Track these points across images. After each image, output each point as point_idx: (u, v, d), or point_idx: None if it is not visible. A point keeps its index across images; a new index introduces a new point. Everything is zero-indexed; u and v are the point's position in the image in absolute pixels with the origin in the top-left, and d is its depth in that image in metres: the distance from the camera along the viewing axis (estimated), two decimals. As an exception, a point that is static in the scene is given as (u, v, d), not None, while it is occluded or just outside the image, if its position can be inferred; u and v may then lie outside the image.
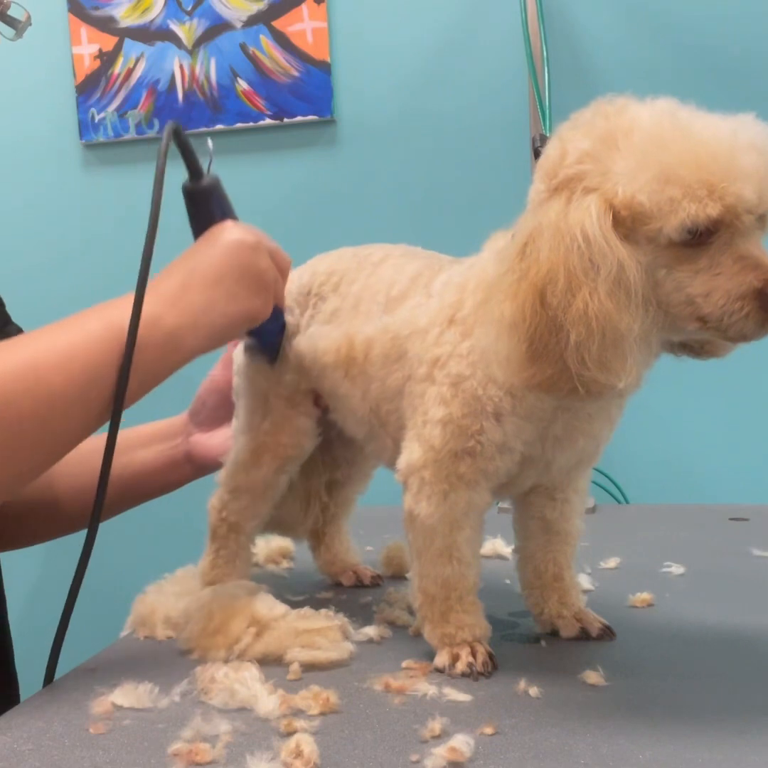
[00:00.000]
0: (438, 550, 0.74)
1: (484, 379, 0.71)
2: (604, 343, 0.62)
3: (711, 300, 0.62)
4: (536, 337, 0.63)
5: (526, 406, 0.71)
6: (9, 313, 1.11)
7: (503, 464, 0.73)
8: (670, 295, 0.64)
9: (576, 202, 0.64)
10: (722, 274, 0.62)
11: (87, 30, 1.85)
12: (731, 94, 1.59)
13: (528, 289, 0.64)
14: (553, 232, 0.63)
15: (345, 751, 0.59)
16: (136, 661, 0.78)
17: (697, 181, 0.60)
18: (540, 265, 0.63)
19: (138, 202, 1.88)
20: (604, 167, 0.63)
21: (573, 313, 0.62)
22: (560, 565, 0.82)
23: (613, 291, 0.62)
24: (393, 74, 1.76)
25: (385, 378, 0.80)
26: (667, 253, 0.63)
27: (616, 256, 0.62)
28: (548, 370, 0.64)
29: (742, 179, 0.60)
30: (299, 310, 0.90)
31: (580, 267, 0.62)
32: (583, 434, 0.73)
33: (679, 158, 0.61)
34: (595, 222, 0.62)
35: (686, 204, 0.60)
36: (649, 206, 0.61)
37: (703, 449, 1.67)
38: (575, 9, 1.68)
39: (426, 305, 0.77)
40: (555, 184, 0.66)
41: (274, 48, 1.79)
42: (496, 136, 1.71)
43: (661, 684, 0.69)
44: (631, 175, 0.62)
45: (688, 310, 0.64)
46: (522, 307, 0.64)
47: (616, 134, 0.64)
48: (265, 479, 0.91)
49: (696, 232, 0.61)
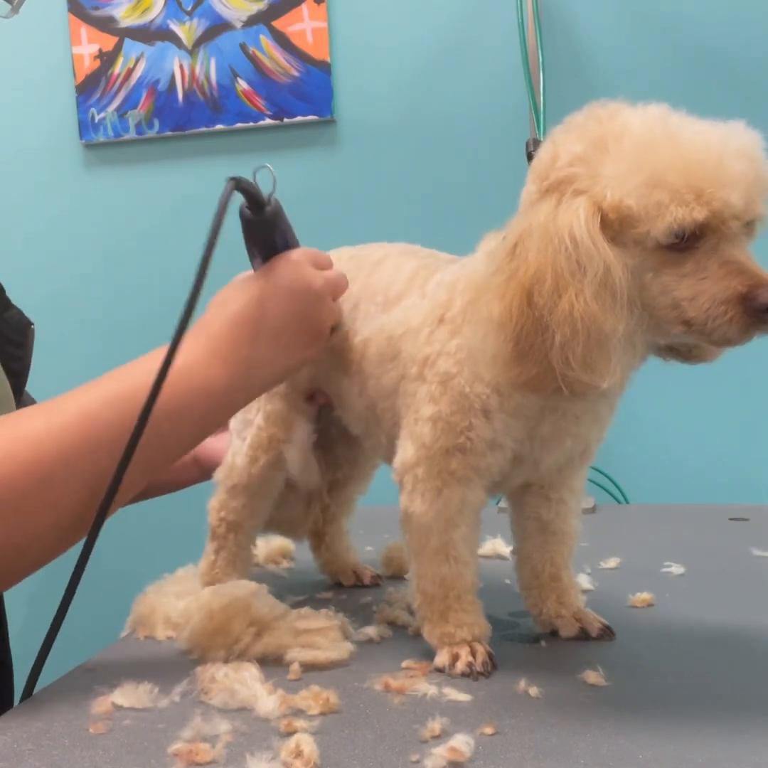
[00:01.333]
0: (434, 548, 0.75)
1: (471, 376, 0.72)
2: (588, 344, 0.63)
3: (696, 304, 0.63)
4: (522, 336, 0.64)
5: (513, 403, 0.71)
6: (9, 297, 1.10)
7: (495, 461, 0.74)
8: (656, 298, 0.64)
9: (565, 204, 0.64)
10: (708, 278, 0.63)
11: (87, 30, 1.85)
12: (730, 96, 1.60)
13: (516, 289, 0.64)
14: (542, 234, 0.64)
15: (345, 751, 0.59)
16: (136, 661, 0.78)
17: (685, 186, 0.61)
18: (528, 266, 0.64)
19: (138, 202, 1.89)
20: (594, 170, 0.64)
21: (559, 314, 0.63)
22: (557, 565, 0.82)
23: (599, 292, 0.63)
24: (393, 74, 1.76)
25: (380, 376, 0.81)
26: (654, 256, 0.63)
27: (603, 258, 0.63)
28: (533, 370, 0.65)
29: (730, 185, 0.61)
30: None
31: (567, 268, 0.63)
32: (570, 435, 0.74)
33: (668, 164, 0.61)
34: (582, 224, 0.63)
35: (673, 208, 0.61)
36: (636, 210, 0.62)
37: (703, 449, 1.67)
38: (572, 12, 1.68)
39: (419, 305, 0.78)
40: (546, 186, 0.67)
41: (274, 48, 1.79)
42: (495, 136, 1.71)
43: (661, 684, 0.69)
44: (620, 179, 0.63)
45: (673, 313, 0.64)
46: (509, 307, 0.64)
47: (607, 138, 0.64)
48: (260, 475, 0.92)
49: (683, 236, 0.62)
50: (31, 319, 1.05)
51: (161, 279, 1.85)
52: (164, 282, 1.84)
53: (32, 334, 1.06)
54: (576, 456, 0.78)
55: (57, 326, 1.86)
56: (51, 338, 1.24)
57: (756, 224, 0.65)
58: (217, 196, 0.72)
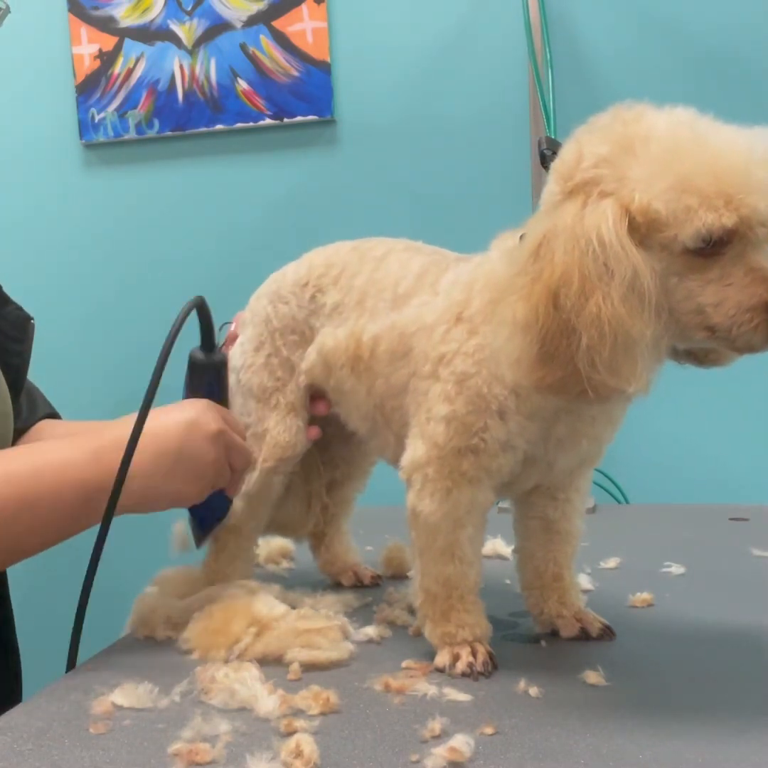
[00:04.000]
0: (440, 548, 0.75)
1: (489, 377, 0.71)
2: (615, 348, 0.62)
3: (721, 310, 0.63)
4: (548, 339, 0.63)
5: (531, 405, 0.71)
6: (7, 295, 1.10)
7: (506, 462, 0.74)
8: (681, 303, 0.64)
9: (592, 206, 0.64)
10: (733, 285, 0.62)
11: (87, 30, 1.85)
12: (735, 97, 1.59)
13: (541, 290, 0.64)
14: (568, 235, 0.64)
15: (345, 751, 0.59)
16: (136, 661, 0.78)
17: (715, 192, 0.60)
18: (554, 268, 0.63)
19: (138, 202, 1.89)
20: (620, 173, 0.64)
21: (586, 317, 0.62)
22: (560, 565, 0.82)
23: (627, 296, 0.62)
24: (393, 74, 1.76)
25: (390, 375, 0.80)
26: (680, 261, 0.63)
27: (631, 262, 0.62)
28: (559, 373, 0.64)
29: (758, 192, 0.61)
30: (295, 300, 0.91)
31: (594, 271, 0.62)
32: (586, 436, 0.74)
33: (696, 168, 0.61)
34: (611, 227, 0.62)
35: (702, 213, 0.60)
36: (665, 214, 0.62)
37: (703, 449, 1.67)
38: (578, 11, 1.67)
39: (433, 303, 0.78)
40: (570, 186, 0.66)
41: (274, 48, 1.78)
42: (495, 136, 1.71)
43: (661, 684, 0.69)
44: (647, 182, 0.62)
45: (697, 318, 0.64)
46: (535, 309, 0.64)
47: (633, 141, 0.64)
48: (260, 480, 0.91)
49: (710, 242, 0.62)
50: (30, 314, 1.06)
51: (161, 279, 1.85)
52: (164, 282, 1.84)
53: (32, 329, 1.06)
54: (588, 458, 0.78)
55: (56, 325, 1.86)
56: (50, 338, 1.24)
57: None
58: (216, 196, 0.72)
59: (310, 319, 0.90)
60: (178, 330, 0.83)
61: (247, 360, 0.93)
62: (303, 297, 0.90)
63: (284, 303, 0.91)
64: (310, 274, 0.90)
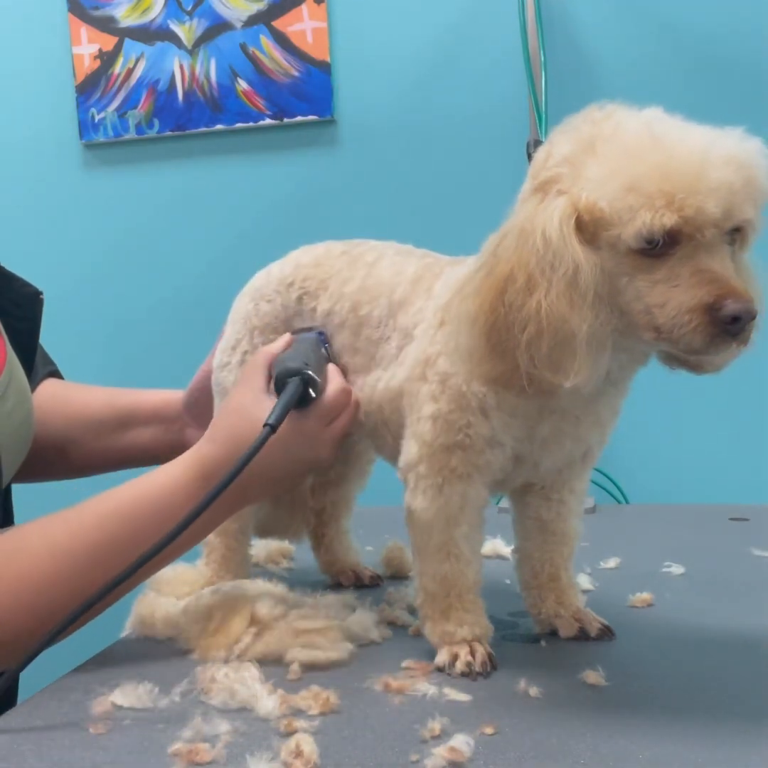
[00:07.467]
0: (435, 546, 0.75)
1: (468, 375, 0.72)
2: (553, 342, 0.63)
3: (664, 311, 0.62)
4: (493, 333, 0.65)
5: (510, 402, 0.71)
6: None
7: (495, 458, 0.74)
8: (631, 303, 0.64)
9: (545, 204, 0.65)
10: (679, 286, 0.62)
11: (87, 30, 1.85)
12: (734, 98, 1.59)
13: (491, 286, 0.65)
14: (519, 232, 0.65)
15: (345, 751, 0.59)
16: (136, 661, 0.78)
17: (657, 192, 0.60)
18: (504, 264, 0.65)
19: (138, 202, 1.89)
20: (577, 172, 0.64)
21: (526, 312, 0.63)
22: (557, 566, 0.82)
23: (566, 292, 0.63)
24: (393, 74, 1.76)
25: (389, 379, 0.81)
26: (629, 261, 0.63)
27: (573, 258, 0.63)
28: (500, 367, 0.65)
29: (706, 193, 0.60)
30: (280, 299, 0.91)
31: (538, 267, 0.63)
32: (570, 437, 0.74)
33: (646, 169, 0.61)
34: (556, 224, 0.63)
35: (643, 212, 0.60)
36: (609, 213, 0.62)
37: (703, 449, 1.67)
38: (574, 13, 1.67)
39: (426, 309, 0.79)
40: (535, 185, 0.67)
41: (274, 48, 1.78)
42: (495, 136, 1.71)
43: (661, 684, 0.69)
44: (600, 182, 0.63)
45: (645, 319, 0.64)
46: (483, 304, 0.65)
47: (596, 140, 0.64)
48: None
49: (655, 242, 0.62)
50: (39, 288, 1.06)
51: (161, 279, 1.85)
52: (164, 282, 1.84)
53: (41, 304, 1.06)
54: (577, 458, 0.78)
55: (56, 325, 1.86)
56: (50, 337, 1.23)
57: (747, 231, 0.64)
58: (216, 196, 0.72)
59: (294, 320, 0.90)
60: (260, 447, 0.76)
61: (224, 359, 0.93)
62: (289, 297, 0.90)
63: (267, 301, 0.91)
64: (296, 274, 0.90)
